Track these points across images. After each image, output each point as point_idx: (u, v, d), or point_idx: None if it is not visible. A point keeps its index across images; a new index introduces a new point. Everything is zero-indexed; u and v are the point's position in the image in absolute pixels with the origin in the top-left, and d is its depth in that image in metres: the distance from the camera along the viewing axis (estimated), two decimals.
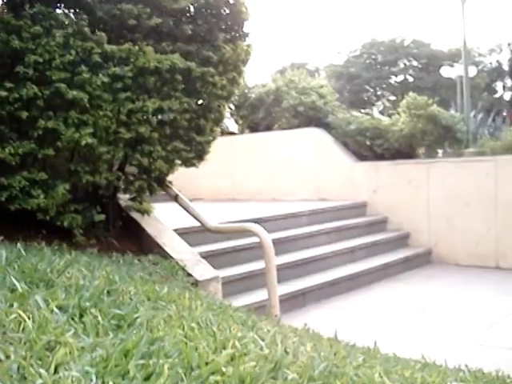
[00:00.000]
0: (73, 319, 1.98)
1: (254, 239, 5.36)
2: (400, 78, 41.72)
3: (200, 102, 4.87)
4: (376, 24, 57.69)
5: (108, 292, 2.50)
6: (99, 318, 2.00)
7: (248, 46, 5.14)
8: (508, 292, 6.64)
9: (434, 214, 8.42)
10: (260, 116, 10.85)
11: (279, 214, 7.72)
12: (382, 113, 38.29)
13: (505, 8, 51.79)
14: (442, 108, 9.40)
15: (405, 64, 41.67)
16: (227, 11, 4.88)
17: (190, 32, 4.66)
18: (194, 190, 10.94)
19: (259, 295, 5.57)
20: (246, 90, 11.11)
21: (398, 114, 9.33)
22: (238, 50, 4.99)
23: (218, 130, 5.18)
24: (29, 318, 1.81)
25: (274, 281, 4.57)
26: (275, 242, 6.78)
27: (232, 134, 11.66)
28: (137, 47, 4.38)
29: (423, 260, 8.38)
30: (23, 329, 1.77)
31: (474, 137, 12.24)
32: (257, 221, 7.11)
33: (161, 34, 4.61)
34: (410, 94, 9.04)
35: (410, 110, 8.83)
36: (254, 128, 11.15)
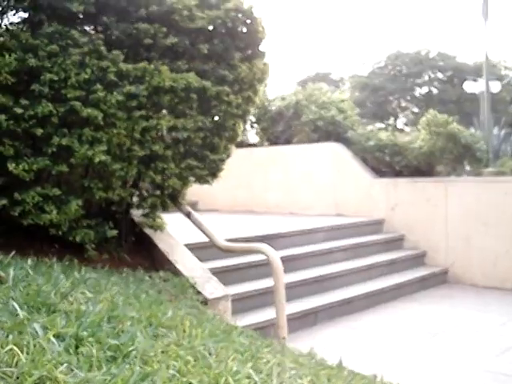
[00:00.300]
0: (68, 350, 2.00)
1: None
2: (424, 90, 41.47)
3: (215, 120, 4.89)
4: (401, 35, 57.44)
5: (109, 318, 2.52)
6: (94, 350, 2.01)
7: (264, 64, 5.15)
8: None
9: (452, 233, 8.35)
10: (280, 129, 10.85)
11: (296, 229, 7.70)
12: (406, 125, 38.12)
13: None
14: (464, 123, 9.32)
15: (429, 76, 41.36)
16: (244, 30, 4.90)
17: (206, 51, 4.69)
18: (212, 201, 11.01)
19: (270, 313, 5.54)
20: (267, 103, 11.12)
21: (418, 130, 9.27)
22: (254, 69, 5.00)
23: (233, 147, 5.18)
24: (22, 352, 1.82)
25: (283, 302, 4.56)
26: (291, 259, 6.85)
27: (252, 145, 11.68)
28: (152, 66, 4.42)
29: (439, 279, 8.30)
30: (17, 362, 1.79)
31: (496, 153, 12.13)
32: (273, 236, 7.17)
33: (177, 52, 4.65)
34: (430, 111, 8.97)
35: (430, 127, 8.76)
36: (273, 141, 11.15)
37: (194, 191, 5.65)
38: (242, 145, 11.30)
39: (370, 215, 9.00)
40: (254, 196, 10.79)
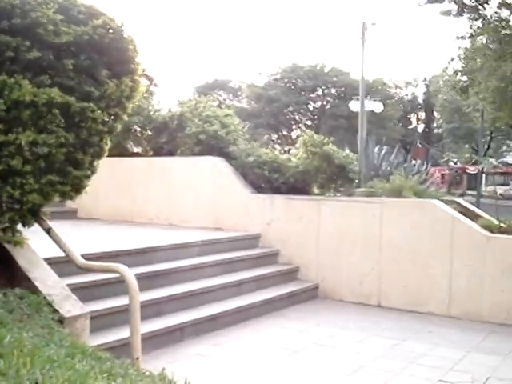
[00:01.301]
0: None
1: (133, 271, 5.26)
2: (318, 103, 42.68)
3: (79, 136, 4.82)
4: (299, 48, 58.99)
5: None
6: None
7: (134, 81, 5.13)
8: (382, 334, 6.85)
9: (323, 250, 8.64)
10: (163, 140, 10.84)
11: (171, 243, 7.71)
12: (298, 137, 39.07)
13: (423, 44, 54.20)
14: (352, 138, 9.68)
15: (323, 91, 42.66)
16: (112, 48, 4.87)
17: (71, 66, 4.63)
18: (93, 210, 10.85)
19: None
20: (152, 113, 11.08)
21: (296, 149, 9.55)
22: (123, 86, 4.97)
23: (98, 163, 5.14)
24: None
25: (138, 322, 4.56)
26: (162, 274, 6.88)
27: (136, 155, 11.59)
28: (13, 79, 4.33)
29: (310, 295, 8.56)
30: None
31: (376, 172, 12.62)
32: (147, 250, 7.20)
33: (41, 66, 4.56)
34: (307, 131, 9.28)
35: (307, 146, 9.05)
36: (157, 151, 11.11)
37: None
38: (126, 154, 11.21)
39: (246, 230, 9.16)
40: (135, 206, 10.71)
